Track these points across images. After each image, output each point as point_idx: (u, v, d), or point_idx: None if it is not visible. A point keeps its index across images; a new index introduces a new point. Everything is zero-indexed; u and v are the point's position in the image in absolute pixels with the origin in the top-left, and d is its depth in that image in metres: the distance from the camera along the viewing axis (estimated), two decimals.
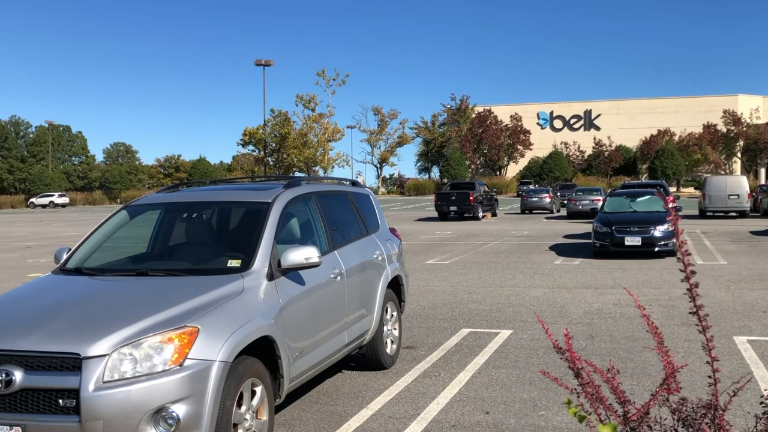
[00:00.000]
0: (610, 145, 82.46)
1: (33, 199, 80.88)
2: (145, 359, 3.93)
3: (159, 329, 4.04)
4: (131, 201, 6.40)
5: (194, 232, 6.09)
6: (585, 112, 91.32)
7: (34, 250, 22.53)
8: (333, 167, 77.46)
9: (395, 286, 7.36)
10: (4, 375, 3.88)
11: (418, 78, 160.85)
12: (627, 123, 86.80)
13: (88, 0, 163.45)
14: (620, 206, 18.44)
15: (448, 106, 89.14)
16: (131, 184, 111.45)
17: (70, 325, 4.16)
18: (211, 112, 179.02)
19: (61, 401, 3.82)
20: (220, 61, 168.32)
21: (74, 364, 3.87)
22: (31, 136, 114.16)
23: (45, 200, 78.98)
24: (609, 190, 28.33)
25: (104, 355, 3.88)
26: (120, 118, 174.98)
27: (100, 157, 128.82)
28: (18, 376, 3.87)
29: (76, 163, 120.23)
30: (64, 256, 5.60)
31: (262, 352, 4.64)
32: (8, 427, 3.81)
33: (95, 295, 4.85)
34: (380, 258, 6.93)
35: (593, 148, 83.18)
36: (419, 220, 36.45)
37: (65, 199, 79.93)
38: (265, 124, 73.64)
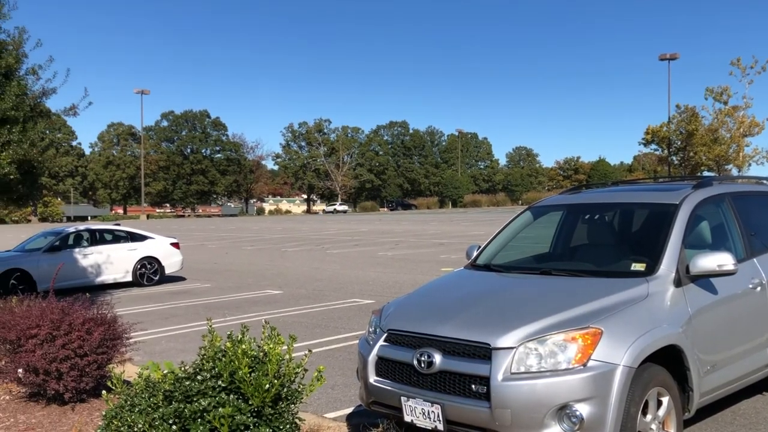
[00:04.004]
0: None
1: (324, 207, 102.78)
2: (549, 356, 4.04)
3: (562, 327, 4.12)
4: (535, 202, 6.63)
5: (596, 234, 6.05)
6: None
7: (446, 247, 24.89)
8: (749, 165, 69.39)
9: None
10: (426, 356, 4.35)
11: None
12: None
13: (460, 26, 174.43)
14: None
15: None
16: (531, 186, 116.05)
17: (481, 317, 4.47)
18: (611, 112, 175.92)
19: (473, 386, 4.13)
20: (620, 60, 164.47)
21: (484, 353, 4.15)
22: (443, 143, 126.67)
23: (331, 208, 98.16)
24: None
25: (511, 348, 4.09)
26: (522, 124, 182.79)
27: (503, 161, 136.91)
28: (437, 359, 4.30)
29: (481, 167, 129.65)
30: (475, 253, 6.06)
31: (668, 362, 4.40)
32: (430, 404, 4.26)
33: (502, 290, 5.14)
34: None
35: None
36: None
37: (345, 207, 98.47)
38: (670, 121, 69.47)
